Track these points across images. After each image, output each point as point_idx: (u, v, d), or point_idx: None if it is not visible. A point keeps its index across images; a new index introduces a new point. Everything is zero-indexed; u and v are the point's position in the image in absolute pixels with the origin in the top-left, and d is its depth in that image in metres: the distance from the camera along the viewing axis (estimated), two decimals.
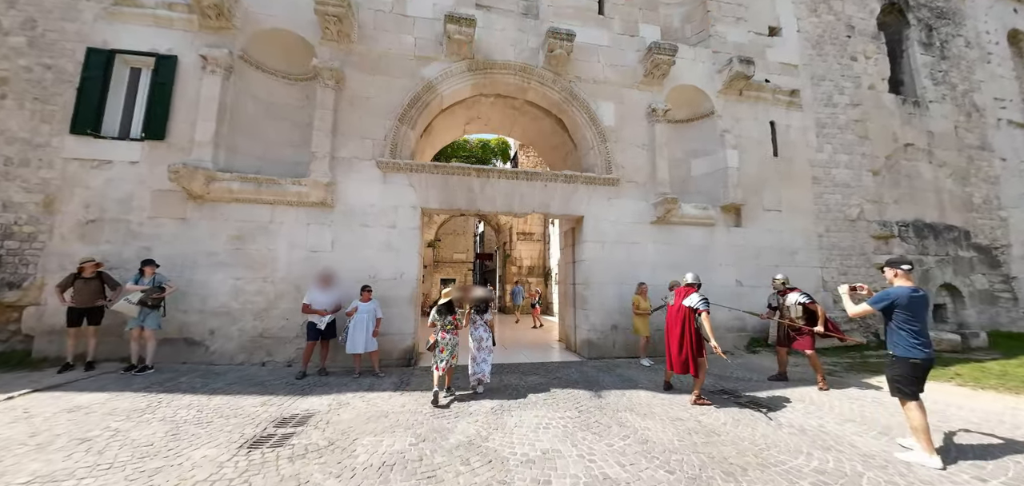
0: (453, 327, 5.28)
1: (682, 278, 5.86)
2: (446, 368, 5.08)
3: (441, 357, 5.09)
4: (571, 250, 8.90)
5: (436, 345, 5.15)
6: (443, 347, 5.13)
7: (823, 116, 10.88)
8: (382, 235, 7.36)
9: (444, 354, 5.09)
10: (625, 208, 8.46)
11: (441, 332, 5.17)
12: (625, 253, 8.30)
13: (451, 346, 5.18)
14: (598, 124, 8.51)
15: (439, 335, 5.17)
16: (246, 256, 7.06)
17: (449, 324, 5.24)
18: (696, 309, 5.24)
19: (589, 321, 7.90)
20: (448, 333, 5.20)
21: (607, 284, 8.10)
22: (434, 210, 7.84)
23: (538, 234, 20.77)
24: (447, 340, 5.16)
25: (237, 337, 6.89)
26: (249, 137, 7.66)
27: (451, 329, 5.25)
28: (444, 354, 5.09)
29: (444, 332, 5.19)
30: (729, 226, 9.21)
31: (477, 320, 5.50)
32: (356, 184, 7.45)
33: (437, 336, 5.18)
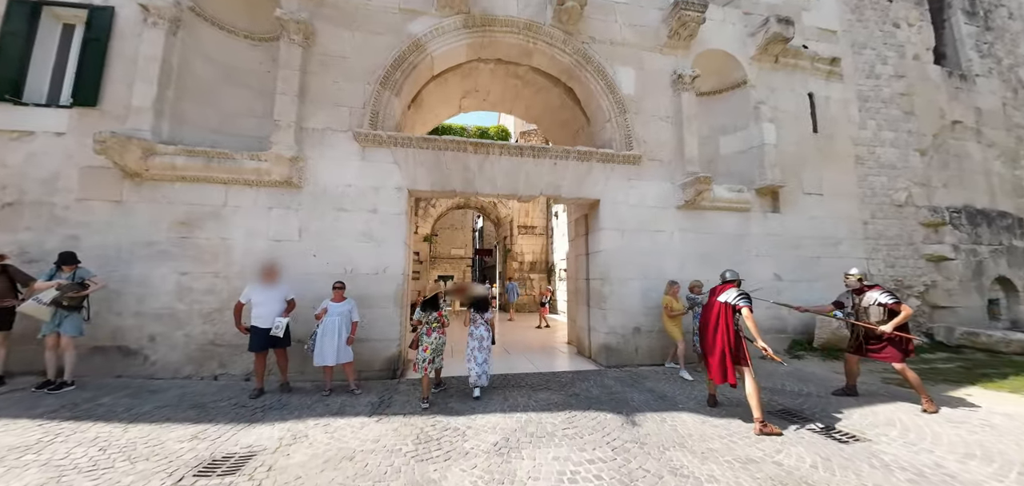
0: (439, 325, 4.96)
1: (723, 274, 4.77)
2: (430, 371, 4.78)
3: (424, 357, 4.76)
4: (584, 240, 7.67)
5: (420, 343, 4.83)
6: (426, 346, 4.79)
7: (865, 88, 9.66)
8: (360, 222, 6.12)
9: (427, 353, 4.77)
10: (647, 190, 7.23)
11: (426, 330, 4.86)
12: (648, 243, 7.07)
13: (436, 346, 4.87)
14: (616, 92, 7.26)
15: (424, 334, 4.84)
16: (194, 247, 5.82)
17: (434, 322, 4.91)
18: (735, 306, 4.28)
19: (607, 323, 6.68)
20: (434, 331, 4.90)
21: (628, 280, 6.88)
22: (423, 193, 6.60)
23: (540, 228, 19.55)
24: (432, 340, 4.83)
25: (183, 345, 5.66)
26: (202, 105, 6.41)
27: (437, 327, 4.94)
28: (427, 353, 4.77)
29: (429, 331, 4.88)
30: (766, 212, 7.99)
31: (478, 318, 5.20)
32: (329, 161, 6.20)
33: (421, 335, 4.86)
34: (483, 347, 5.11)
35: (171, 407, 4.59)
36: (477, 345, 5.09)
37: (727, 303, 4.43)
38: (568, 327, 9.29)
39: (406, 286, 6.67)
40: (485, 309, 5.28)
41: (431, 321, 4.91)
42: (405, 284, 6.49)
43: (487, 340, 5.18)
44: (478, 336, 5.13)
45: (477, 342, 5.10)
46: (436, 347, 4.89)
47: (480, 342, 5.11)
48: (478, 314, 5.21)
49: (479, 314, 5.22)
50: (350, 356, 5.21)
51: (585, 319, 7.46)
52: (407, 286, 6.80)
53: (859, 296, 5.07)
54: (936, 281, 9.27)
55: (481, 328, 5.17)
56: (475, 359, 5.05)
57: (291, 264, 5.88)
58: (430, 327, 4.89)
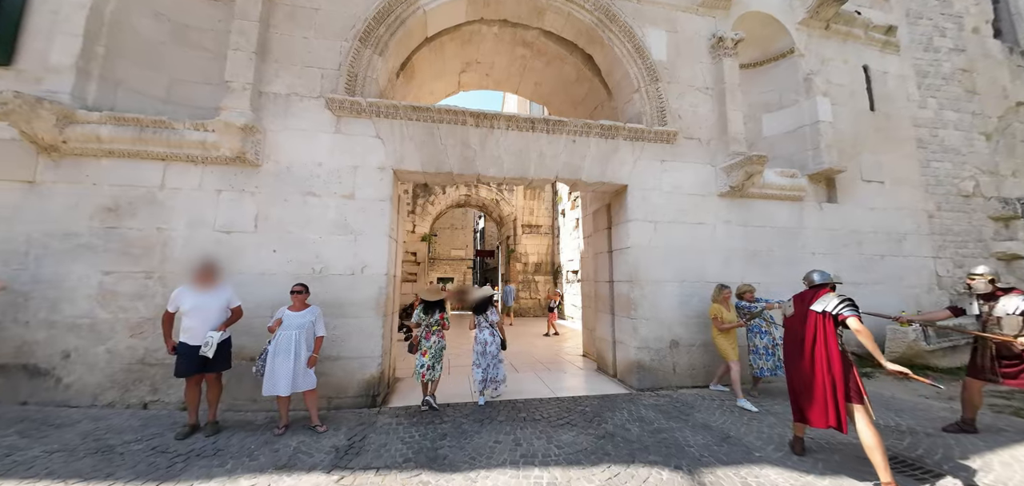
0: (439, 328, 4.69)
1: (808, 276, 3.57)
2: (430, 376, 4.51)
3: (422, 361, 4.52)
4: (605, 235, 6.43)
5: (417, 347, 4.61)
6: (425, 350, 4.56)
7: (923, 63, 8.44)
8: (333, 209, 4.90)
9: (426, 358, 4.52)
10: (684, 174, 6.00)
11: (425, 333, 4.62)
12: (686, 237, 5.83)
13: (436, 350, 4.58)
14: (646, 57, 6.04)
15: (423, 336, 4.61)
16: (123, 239, 4.61)
17: (435, 324, 4.67)
18: (837, 316, 3.17)
19: (638, 335, 5.43)
20: (433, 334, 4.63)
21: (663, 282, 5.63)
22: (412, 175, 5.37)
23: (546, 227, 18.32)
24: (432, 343, 4.58)
25: (104, 364, 4.44)
26: (146, 68, 5.22)
27: (437, 330, 4.68)
28: (426, 358, 4.52)
29: (429, 333, 4.63)
30: (820, 202, 6.75)
31: (481, 322, 4.94)
32: (295, 133, 4.99)
33: (420, 337, 4.62)
34: (487, 353, 4.76)
35: (65, 454, 3.38)
36: (480, 350, 4.78)
37: (827, 313, 3.23)
38: (583, 337, 8.05)
39: (392, 290, 5.44)
40: (485, 311, 4.94)
41: (431, 323, 4.64)
42: (391, 287, 5.27)
43: (492, 344, 4.80)
44: (482, 341, 4.82)
45: (480, 346, 4.79)
46: (435, 352, 4.57)
47: (484, 347, 4.78)
48: (480, 317, 4.92)
49: (481, 317, 4.91)
50: (312, 382, 3.99)
51: (608, 329, 6.22)
52: (394, 290, 5.57)
53: (990, 302, 3.82)
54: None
55: (485, 332, 4.85)
56: (479, 365, 4.76)
57: (244, 261, 4.68)
58: (430, 330, 4.62)
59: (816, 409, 3.25)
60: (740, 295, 5.32)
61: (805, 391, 3.34)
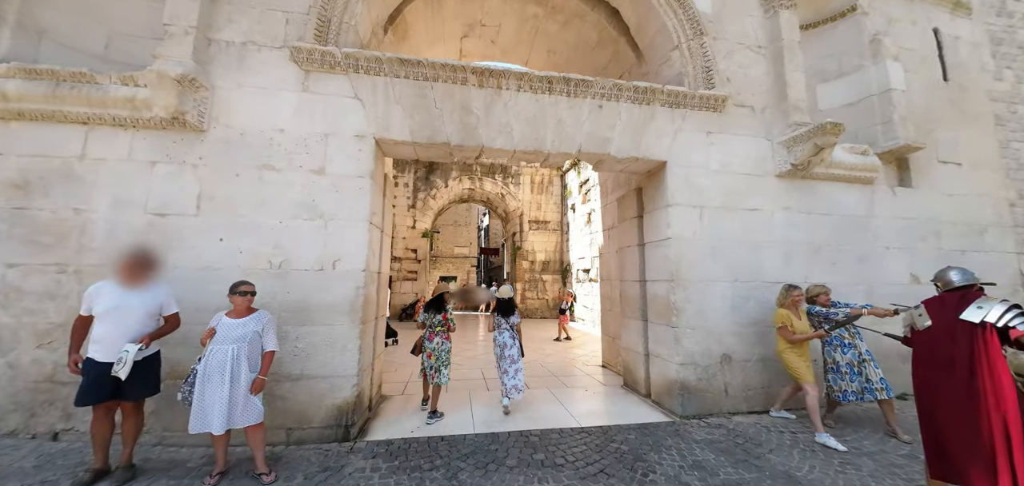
0: (444, 329, 4.38)
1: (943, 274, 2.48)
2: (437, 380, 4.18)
3: (429, 364, 4.24)
4: (635, 225, 5.34)
5: (421, 349, 4.39)
6: (430, 352, 4.26)
7: (997, 28, 7.26)
8: (298, 187, 3.87)
9: (432, 360, 4.23)
10: (735, 150, 4.90)
11: (428, 335, 4.33)
12: (737, 226, 4.75)
13: (441, 354, 4.25)
14: (687, 6, 4.94)
15: (426, 338, 4.34)
16: (32, 223, 3.62)
17: (439, 325, 4.36)
18: (1013, 330, 2.20)
19: (681, 348, 4.35)
20: (437, 336, 4.32)
21: (712, 282, 4.55)
22: (399, 146, 4.31)
23: (554, 222, 17.24)
24: (434, 345, 4.27)
25: (6, 381, 3.45)
26: (77, 15, 4.22)
27: (442, 331, 4.37)
28: (432, 360, 4.23)
29: (432, 335, 4.32)
30: (892, 186, 5.63)
31: (502, 323, 4.62)
32: (251, 92, 3.96)
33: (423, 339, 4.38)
34: (506, 356, 4.45)
35: None
36: (499, 353, 4.51)
37: (989, 326, 2.20)
38: (603, 345, 6.97)
39: (376, 290, 4.41)
40: (510, 313, 4.62)
41: (435, 324, 4.37)
42: (373, 286, 4.23)
43: (512, 348, 4.49)
44: (500, 343, 4.52)
45: (499, 350, 4.51)
46: (440, 355, 4.28)
47: (503, 350, 4.48)
48: (502, 319, 4.60)
49: (504, 319, 4.60)
50: (256, 414, 2.97)
51: (637, 339, 5.14)
52: (379, 290, 4.53)
53: None
54: None
55: (505, 335, 4.55)
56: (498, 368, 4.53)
57: (182, 252, 3.67)
58: (434, 331, 4.36)
59: (978, 467, 2.21)
60: (812, 299, 4.24)
61: (959, 438, 2.30)
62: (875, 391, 3.91)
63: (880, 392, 3.89)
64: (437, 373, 4.19)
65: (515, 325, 4.61)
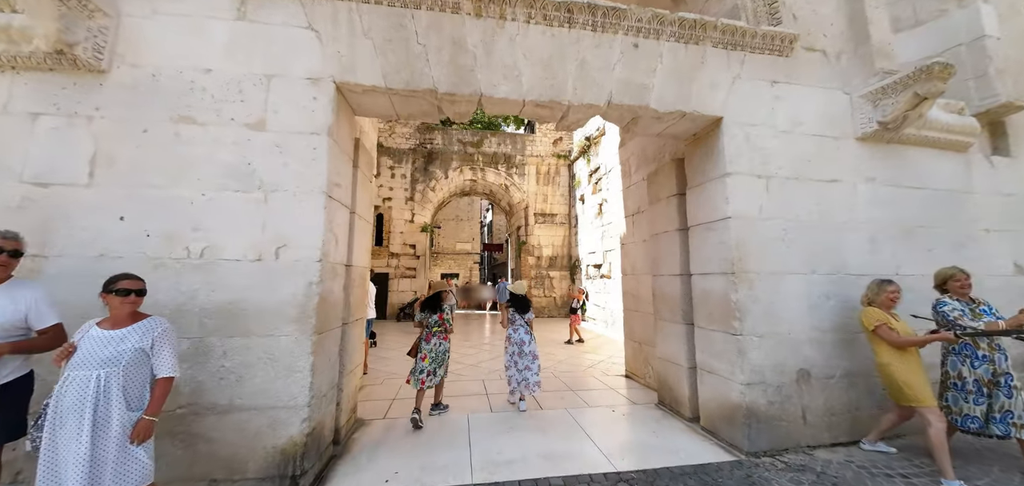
0: (441, 330, 4.04)
1: None
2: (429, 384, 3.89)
3: (421, 367, 3.90)
4: (673, 206, 4.26)
5: (417, 350, 4.03)
6: (425, 354, 3.94)
7: None
8: (229, 147, 2.83)
9: (426, 362, 3.91)
10: (805, 104, 3.82)
11: (425, 335, 4.01)
12: (813, 203, 3.67)
13: (438, 356, 3.98)
14: None
15: (423, 339, 4.01)
16: None
17: (436, 325, 4.02)
18: None
19: (747, 362, 3.27)
20: (435, 337, 4.00)
21: (786, 275, 3.48)
22: (369, 94, 3.23)
23: (561, 215, 16.15)
24: (432, 347, 3.96)
25: None
26: None
27: (439, 332, 4.03)
28: (426, 362, 3.91)
29: (429, 335, 4.00)
30: (986, 154, 4.53)
31: (516, 319, 4.40)
32: (168, 20, 2.92)
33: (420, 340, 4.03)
34: (525, 353, 4.28)
35: None
36: (516, 350, 4.30)
37: None
38: (627, 352, 5.91)
39: (345, 288, 3.38)
40: (525, 309, 4.46)
41: (432, 324, 4.03)
42: (336, 283, 3.20)
43: (530, 344, 4.34)
44: (517, 341, 4.33)
45: (516, 347, 4.32)
46: (436, 356, 3.98)
47: (520, 347, 4.30)
48: (517, 315, 4.44)
49: (519, 315, 4.43)
50: (141, 475, 1.96)
51: (679, 348, 4.07)
52: (348, 288, 3.49)
53: None
54: None
55: (521, 332, 4.37)
56: (515, 365, 4.28)
57: (70, 235, 2.65)
58: (431, 331, 4.01)
59: None
60: (942, 285, 3.20)
61: None
62: (1016, 426, 2.85)
63: None
64: (431, 375, 3.92)
65: (529, 321, 4.44)
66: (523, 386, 4.20)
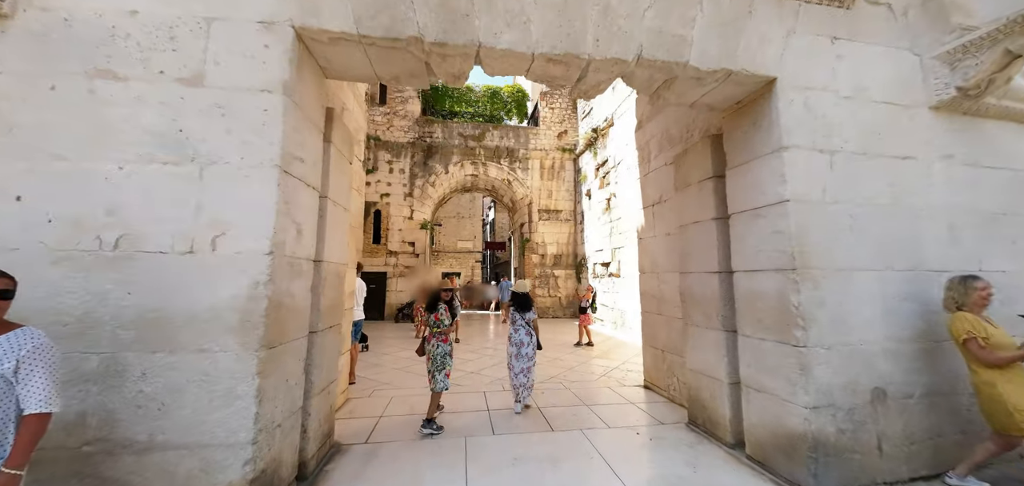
0: (439, 331, 3.76)
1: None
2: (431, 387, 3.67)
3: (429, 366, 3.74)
4: (711, 190, 3.59)
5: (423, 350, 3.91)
6: (429, 355, 3.74)
7: None
8: (156, 108, 2.21)
9: (429, 365, 3.73)
10: (870, 65, 3.17)
11: (427, 335, 3.83)
12: (883, 184, 3.02)
13: (436, 357, 3.70)
14: None
15: (425, 339, 3.85)
16: None
17: (433, 325, 3.76)
18: None
19: (813, 381, 2.61)
20: (434, 337, 3.75)
21: (855, 271, 2.83)
22: (338, 41, 2.58)
23: (567, 211, 15.50)
24: (431, 347, 3.74)
25: None
26: None
27: (437, 333, 3.76)
28: (429, 365, 3.73)
29: (430, 336, 3.78)
30: None
31: (517, 319, 4.30)
32: None
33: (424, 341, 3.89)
34: (523, 355, 4.16)
35: None
36: (515, 351, 4.17)
37: None
38: (645, 359, 5.26)
39: (315, 289, 2.76)
40: (527, 308, 4.30)
41: (431, 324, 3.77)
42: (300, 283, 2.59)
43: (529, 346, 4.20)
44: (517, 341, 4.19)
45: (515, 348, 4.18)
46: (434, 358, 3.69)
47: (519, 349, 4.17)
48: (518, 314, 4.29)
49: (519, 314, 4.29)
50: None
51: (717, 360, 3.42)
52: (320, 290, 2.86)
53: None
54: None
55: (521, 332, 4.23)
56: (512, 368, 4.17)
57: None
58: (432, 332, 3.78)
59: None
60: None
61: None
62: None
63: None
64: (432, 378, 3.70)
65: (531, 321, 4.31)
66: (521, 389, 4.13)
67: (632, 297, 10.26)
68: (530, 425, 3.77)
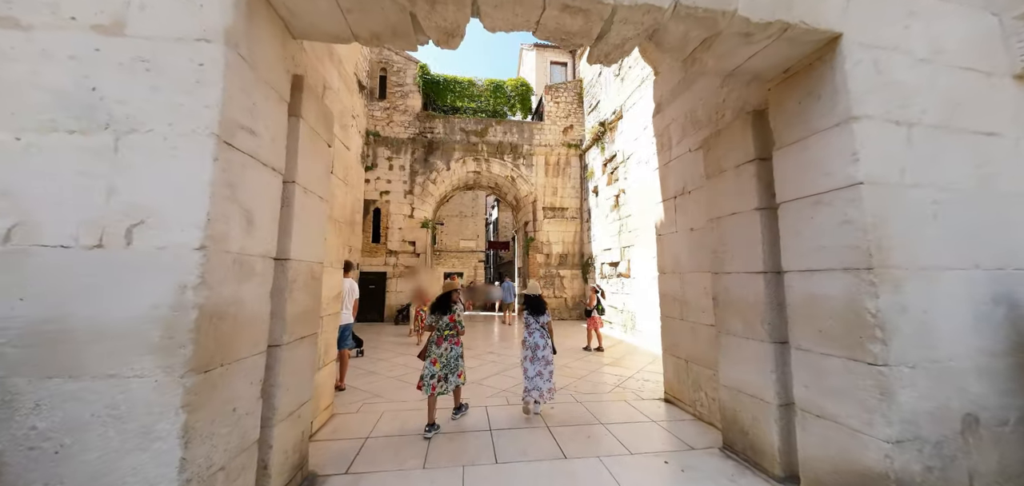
0: (453, 332, 3.76)
1: None
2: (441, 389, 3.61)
3: (432, 371, 3.61)
4: (752, 174, 3.07)
5: (426, 353, 3.70)
6: (436, 359, 3.66)
7: None
8: (62, 63, 1.73)
9: (437, 367, 3.63)
10: (946, 26, 2.64)
11: (437, 339, 3.73)
12: (968, 163, 2.49)
13: (450, 361, 3.68)
14: None
15: (434, 342, 3.72)
16: None
17: (446, 328, 3.74)
18: None
19: (897, 408, 2.09)
20: (446, 340, 3.72)
21: (940, 271, 2.31)
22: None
23: (573, 209, 14.95)
24: (442, 351, 3.68)
25: None
26: None
27: (450, 335, 3.75)
28: (437, 367, 3.63)
29: (440, 339, 3.73)
30: None
31: (531, 322, 4.19)
32: None
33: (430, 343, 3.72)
34: (538, 358, 4.02)
35: None
36: (529, 354, 4.05)
37: None
38: (666, 370, 4.73)
39: (263, 297, 2.28)
40: (541, 311, 4.19)
41: (442, 327, 3.73)
42: (254, 288, 2.10)
43: (544, 349, 4.06)
44: (531, 345, 4.08)
45: (530, 351, 4.06)
46: (447, 361, 3.67)
47: (534, 351, 4.05)
48: (532, 318, 4.19)
49: (533, 318, 4.18)
50: None
51: (762, 377, 2.90)
52: (285, 295, 2.38)
53: None
54: None
55: (536, 335, 4.12)
56: (526, 372, 4.03)
57: None
58: (442, 335, 3.72)
59: None
60: None
61: None
62: None
63: None
64: (443, 381, 3.64)
65: (545, 323, 4.21)
66: (535, 392, 3.97)
67: (644, 299, 9.72)
68: (540, 449, 3.27)
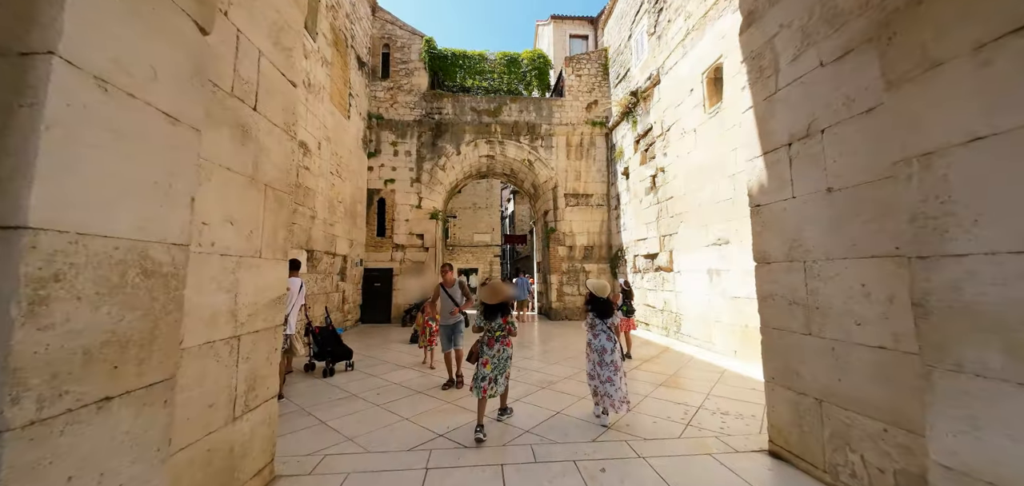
0: (504, 334, 3.70)
1: None
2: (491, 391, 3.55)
3: (483, 373, 3.54)
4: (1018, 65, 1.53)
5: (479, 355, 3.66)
6: (487, 360, 3.59)
7: None
8: None
9: (487, 368, 3.56)
10: None
11: (487, 340, 3.66)
12: None
13: (500, 363, 3.63)
14: None
15: (484, 343, 3.67)
16: None
17: (500, 330, 3.68)
18: None
19: None
20: (498, 341, 3.66)
21: None
22: None
23: (598, 195, 13.29)
24: (495, 353, 3.61)
25: None
26: None
27: (502, 337, 3.69)
28: (487, 368, 3.56)
29: (492, 341, 3.65)
30: None
31: (597, 325, 3.96)
32: None
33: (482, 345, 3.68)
34: (606, 362, 3.78)
35: None
36: (597, 358, 3.85)
37: None
38: (777, 405, 3.16)
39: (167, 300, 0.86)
40: (608, 313, 3.95)
41: (494, 329, 3.64)
42: None
43: (612, 352, 3.80)
44: (598, 348, 3.86)
45: (597, 355, 3.86)
46: (498, 363, 3.61)
47: (601, 355, 3.82)
48: (598, 320, 3.95)
49: (600, 320, 3.95)
50: None
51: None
52: None
53: None
54: None
55: (602, 337, 3.89)
56: (598, 376, 3.82)
57: None
58: (494, 336, 3.64)
59: None
60: None
61: None
62: None
63: None
64: (494, 383, 3.54)
65: (614, 325, 3.94)
66: (606, 399, 3.73)
67: (691, 296, 8.09)
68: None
